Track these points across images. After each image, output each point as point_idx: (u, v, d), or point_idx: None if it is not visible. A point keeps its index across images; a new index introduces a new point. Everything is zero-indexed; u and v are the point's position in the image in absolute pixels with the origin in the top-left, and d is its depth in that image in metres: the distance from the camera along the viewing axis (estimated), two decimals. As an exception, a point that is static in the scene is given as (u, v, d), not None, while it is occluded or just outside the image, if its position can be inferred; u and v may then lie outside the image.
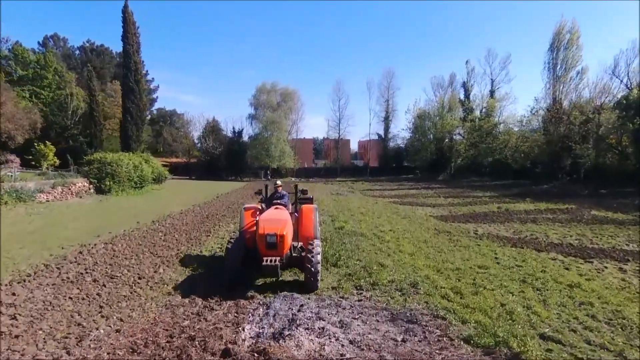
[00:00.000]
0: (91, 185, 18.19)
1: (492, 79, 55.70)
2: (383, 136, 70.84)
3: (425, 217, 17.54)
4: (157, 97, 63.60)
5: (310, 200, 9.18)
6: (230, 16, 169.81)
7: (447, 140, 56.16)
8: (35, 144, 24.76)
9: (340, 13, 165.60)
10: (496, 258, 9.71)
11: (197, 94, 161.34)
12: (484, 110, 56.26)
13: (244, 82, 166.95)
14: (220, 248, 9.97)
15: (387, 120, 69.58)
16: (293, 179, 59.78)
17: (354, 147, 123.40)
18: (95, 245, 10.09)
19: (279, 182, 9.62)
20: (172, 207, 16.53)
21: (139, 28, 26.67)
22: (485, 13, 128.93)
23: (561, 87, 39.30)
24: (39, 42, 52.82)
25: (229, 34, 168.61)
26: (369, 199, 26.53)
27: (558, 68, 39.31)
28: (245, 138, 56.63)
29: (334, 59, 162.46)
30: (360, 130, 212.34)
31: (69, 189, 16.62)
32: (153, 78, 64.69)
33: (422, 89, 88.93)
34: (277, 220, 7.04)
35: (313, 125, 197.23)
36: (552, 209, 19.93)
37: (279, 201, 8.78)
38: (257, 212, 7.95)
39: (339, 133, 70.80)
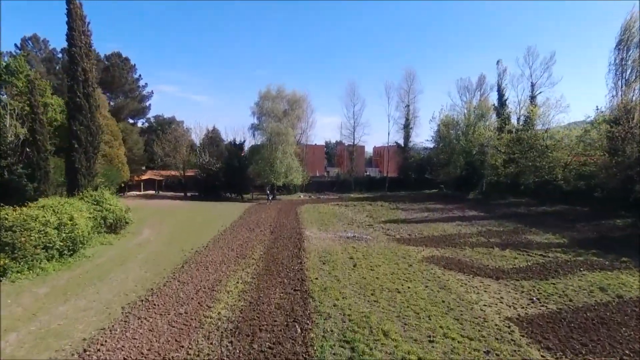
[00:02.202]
0: (-27, 266, 11.76)
1: (532, 82, 47.95)
2: (403, 145, 63.62)
3: (506, 327, 10.54)
4: (149, 104, 57.58)
5: None
6: (243, 15, 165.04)
7: (477, 153, 48.53)
8: None
9: (355, 9, 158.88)
10: None
11: (209, 94, 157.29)
12: (522, 118, 48.64)
13: (256, 81, 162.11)
14: None
15: (407, 128, 62.55)
16: (302, 196, 53.18)
17: (368, 149, 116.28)
18: None
19: None
20: (71, 324, 9.49)
21: (89, 24, 20.35)
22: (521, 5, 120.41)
23: (632, 94, 31.57)
24: (16, 45, 47.51)
25: (241, 33, 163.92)
26: (397, 252, 19.57)
27: (629, 71, 31.59)
28: (247, 150, 50.24)
29: (348, 57, 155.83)
30: (376, 137, 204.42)
31: None
32: (147, 83, 58.86)
33: (446, 93, 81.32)
34: None
35: (325, 125, 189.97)
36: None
37: None
38: None
39: (353, 142, 63.81)
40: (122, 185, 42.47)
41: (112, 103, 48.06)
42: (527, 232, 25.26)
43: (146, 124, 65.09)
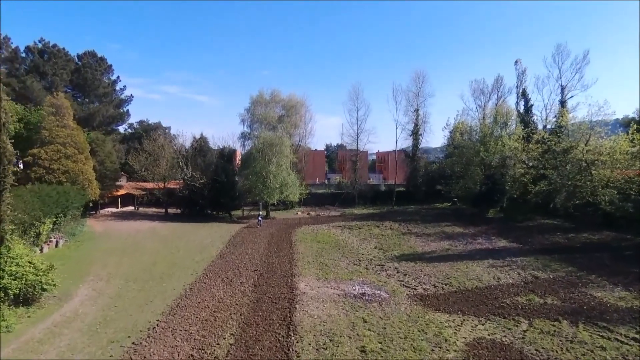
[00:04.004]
0: None
1: (561, 85, 42.15)
2: (412, 154, 57.76)
3: None
4: (127, 110, 51.41)
5: None
6: (246, 15, 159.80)
7: (498, 165, 42.51)
8: None
9: (362, 9, 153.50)
10: None
11: (211, 94, 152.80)
12: (549, 126, 42.86)
13: (261, 83, 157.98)
14: None
15: (416, 135, 56.73)
16: (299, 212, 47.42)
17: (371, 151, 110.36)
18: None
19: None
20: None
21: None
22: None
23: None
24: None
25: (245, 33, 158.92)
26: (426, 330, 13.84)
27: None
28: (238, 161, 44.45)
29: (353, 57, 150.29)
30: (381, 145, 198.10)
31: None
32: (125, 86, 52.75)
33: (459, 97, 75.25)
34: None
35: (328, 126, 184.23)
36: None
37: None
38: None
39: (357, 150, 57.93)
40: (91, 204, 36.71)
41: (84, 109, 42.25)
42: (587, 283, 19.45)
43: (129, 130, 59.46)
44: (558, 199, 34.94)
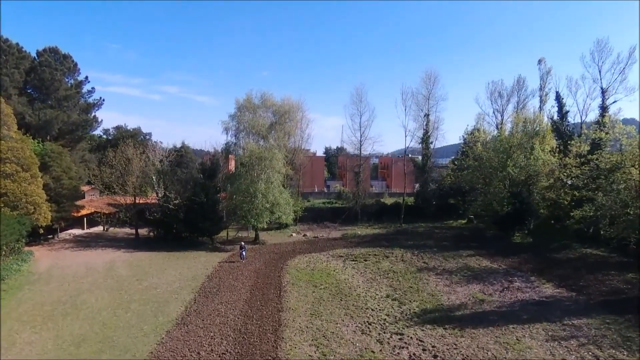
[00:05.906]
0: None
1: (601, 88, 35.90)
2: (421, 164, 51.58)
3: None
4: (94, 115, 44.71)
5: None
6: (247, 13, 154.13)
7: (524, 183, 36.20)
8: None
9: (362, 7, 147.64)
10: None
11: (211, 94, 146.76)
12: (584, 135, 36.67)
13: (261, 83, 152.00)
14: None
15: (426, 142, 50.48)
16: (294, 234, 41.20)
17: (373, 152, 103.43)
18: None
19: None
20: None
21: None
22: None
23: None
24: None
25: (245, 32, 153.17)
26: None
27: None
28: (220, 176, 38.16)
29: (357, 56, 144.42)
30: (386, 149, 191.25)
31: None
32: (94, 88, 46.19)
33: (474, 99, 69.48)
34: None
35: (326, 127, 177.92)
36: None
37: None
38: None
39: (359, 160, 51.65)
40: (41, 230, 30.43)
41: (41, 115, 35.94)
42: None
43: (105, 137, 53.21)
44: (602, 225, 28.63)
